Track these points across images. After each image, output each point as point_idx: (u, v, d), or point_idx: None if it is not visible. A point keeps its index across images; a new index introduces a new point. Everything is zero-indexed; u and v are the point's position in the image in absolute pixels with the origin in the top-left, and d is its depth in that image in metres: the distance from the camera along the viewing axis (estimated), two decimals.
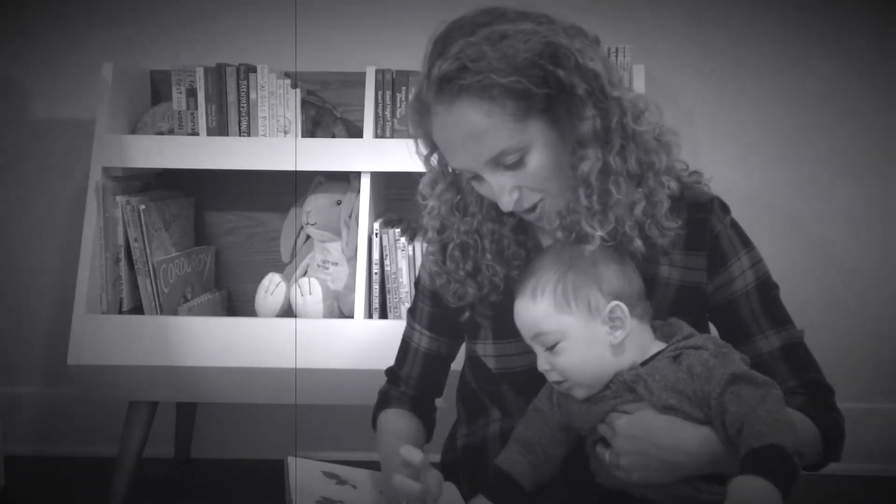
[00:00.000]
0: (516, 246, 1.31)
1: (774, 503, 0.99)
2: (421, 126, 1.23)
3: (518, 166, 1.18)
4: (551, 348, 1.17)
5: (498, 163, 1.18)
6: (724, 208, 1.30)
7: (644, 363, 1.17)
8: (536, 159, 1.18)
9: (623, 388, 1.17)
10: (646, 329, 1.20)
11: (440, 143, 1.22)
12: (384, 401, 1.47)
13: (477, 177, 1.22)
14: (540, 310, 1.17)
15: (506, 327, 1.31)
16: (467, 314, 1.35)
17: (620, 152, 1.18)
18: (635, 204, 1.20)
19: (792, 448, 1.03)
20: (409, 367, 1.46)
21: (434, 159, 1.29)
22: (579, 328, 1.16)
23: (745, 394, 1.09)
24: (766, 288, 1.29)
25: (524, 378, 1.33)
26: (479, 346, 1.38)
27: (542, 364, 1.19)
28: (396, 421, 1.43)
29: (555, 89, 1.14)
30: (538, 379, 1.24)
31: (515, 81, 1.12)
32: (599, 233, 1.18)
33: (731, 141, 2.32)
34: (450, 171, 1.29)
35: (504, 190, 1.19)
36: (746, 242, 1.30)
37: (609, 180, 1.18)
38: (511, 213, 1.26)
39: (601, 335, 1.16)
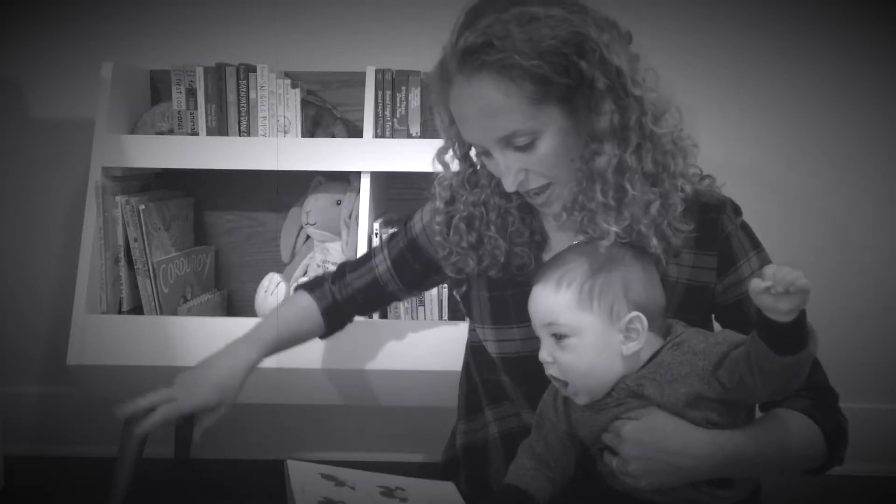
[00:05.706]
0: (521, 224, 1.31)
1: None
2: (441, 94, 1.23)
3: (528, 149, 1.18)
4: (560, 339, 1.16)
5: (508, 143, 1.18)
6: (737, 210, 1.30)
7: (642, 367, 1.16)
8: (547, 145, 1.18)
9: (626, 394, 1.15)
10: (657, 341, 1.18)
11: (456, 114, 1.22)
12: (310, 284, 1.55)
13: (486, 152, 1.22)
14: (561, 301, 1.15)
15: (507, 313, 1.32)
16: (465, 288, 1.37)
17: (636, 151, 1.18)
18: (650, 203, 1.20)
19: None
20: (356, 277, 1.52)
21: (453, 130, 1.28)
22: (595, 330, 1.15)
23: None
24: None
25: (524, 367, 1.33)
26: (479, 331, 1.39)
27: (545, 355, 1.17)
28: (294, 307, 1.51)
29: (575, 80, 1.14)
30: (538, 368, 1.24)
31: (537, 66, 1.13)
32: (615, 228, 1.18)
33: (733, 140, 2.32)
34: (466, 143, 1.29)
35: (511, 170, 1.20)
36: (756, 244, 1.30)
37: (624, 177, 1.18)
38: (517, 192, 1.26)
39: (614, 343, 1.15)
